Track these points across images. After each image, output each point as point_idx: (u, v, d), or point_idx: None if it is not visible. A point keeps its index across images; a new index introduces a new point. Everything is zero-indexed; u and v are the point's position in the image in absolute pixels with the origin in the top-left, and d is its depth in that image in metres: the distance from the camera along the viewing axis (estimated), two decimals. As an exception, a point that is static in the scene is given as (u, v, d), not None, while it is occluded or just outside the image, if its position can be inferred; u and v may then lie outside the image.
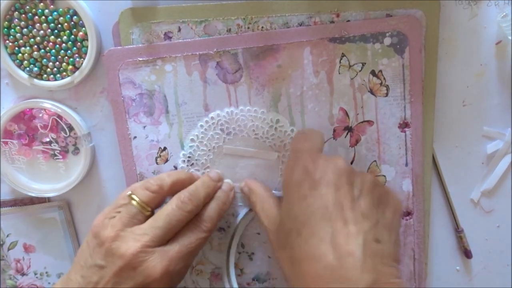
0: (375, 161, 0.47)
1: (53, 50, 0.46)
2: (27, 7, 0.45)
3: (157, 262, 0.38)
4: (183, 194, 0.42)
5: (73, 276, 0.39)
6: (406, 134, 0.46)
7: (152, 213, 0.41)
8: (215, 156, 0.47)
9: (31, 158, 0.49)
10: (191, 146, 0.47)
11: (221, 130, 0.46)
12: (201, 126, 0.46)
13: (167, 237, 0.40)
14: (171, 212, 0.40)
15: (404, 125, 0.46)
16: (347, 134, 0.46)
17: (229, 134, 0.46)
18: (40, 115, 0.48)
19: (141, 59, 0.45)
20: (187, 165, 0.47)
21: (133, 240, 0.38)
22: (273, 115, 0.46)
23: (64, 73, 0.46)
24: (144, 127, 0.47)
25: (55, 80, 0.47)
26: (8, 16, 0.45)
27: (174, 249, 0.40)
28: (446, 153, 0.49)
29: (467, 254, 0.50)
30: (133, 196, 0.41)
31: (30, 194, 0.49)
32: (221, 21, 0.45)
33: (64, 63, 0.46)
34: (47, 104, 0.47)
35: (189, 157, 0.47)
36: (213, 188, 0.44)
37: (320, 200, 0.35)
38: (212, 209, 0.43)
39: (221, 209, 0.44)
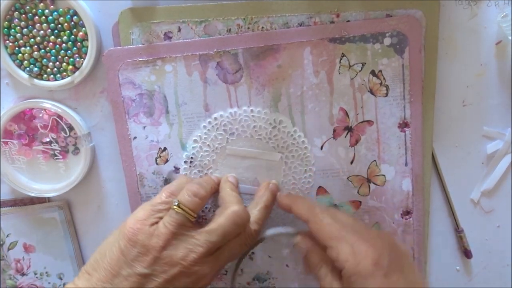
0: (375, 160, 0.47)
1: (53, 50, 0.46)
2: (27, 7, 0.45)
3: (209, 270, 0.39)
4: (237, 208, 0.41)
5: (100, 285, 0.38)
6: (406, 134, 0.46)
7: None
8: (218, 157, 0.47)
9: (31, 158, 0.49)
10: (194, 147, 0.47)
11: (224, 131, 0.46)
12: (204, 127, 0.46)
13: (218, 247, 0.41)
14: (227, 229, 0.40)
15: (403, 125, 0.46)
16: (347, 134, 0.46)
17: (232, 135, 0.46)
18: (40, 115, 0.48)
19: (141, 59, 0.45)
20: (190, 166, 0.47)
21: (187, 250, 0.38)
22: (275, 115, 0.46)
23: (64, 73, 0.46)
24: (144, 127, 0.47)
25: (55, 80, 0.47)
26: (8, 16, 0.45)
27: (224, 258, 0.41)
28: (446, 153, 0.49)
29: (467, 254, 0.50)
30: (181, 206, 0.39)
31: (30, 194, 0.49)
32: (221, 21, 0.45)
33: (64, 63, 0.46)
34: (47, 104, 0.47)
35: (191, 158, 0.47)
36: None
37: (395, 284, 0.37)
38: (259, 222, 0.43)
39: (267, 217, 0.45)
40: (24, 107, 0.47)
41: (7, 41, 0.46)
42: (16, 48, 0.46)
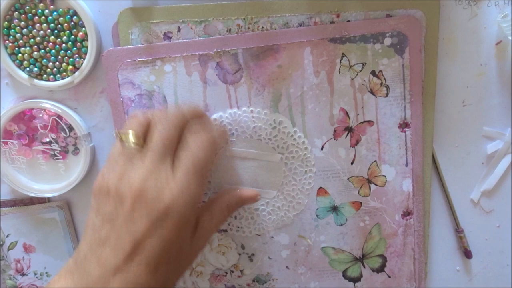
0: (375, 161, 0.47)
1: (53, 50, 0.46)
2: (27, 7, 0.45)
3: (164, 186, 0.36)
4: (161, 116, 0.39)
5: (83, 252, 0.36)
6: (406, 134, 0.46)
7: None
8: (217, 159, 0.47)
9: (31, 158, 0.49)
10: None
11: None
12: None
13: (169, 155, 0.38)
14: (162, 133, 0.38)
15: (404, 125, 0.46)
16: (347, 134, 0.46)
17: (231, 136, 0.46)
18: (40, 115, 0.48)
19: (140, 59, 0.45)
20: None
21: (136, 173, 0.37)
22: (275, 116, 0.46)
23: (64, 73, 0.46)
24: (144, 127, 0.46)
25: (55, 80, 0.47)
26: (8, 16, 0.45)
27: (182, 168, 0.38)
28: (446, 153, 0.49)
29: (467, 254, 0.50)
30: (121, 132, 0.38)
31: (30, 194, 0.49)
32: (221, 21, 0.45)
33: (64, 63, 0.46)
34: (47, 104, 0.47)
35: None
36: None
37: None
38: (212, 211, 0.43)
39: (223, 215, 0.44)
40: (24, 107, 0.47)
41: (7, 41, 0.46)
42: (16, 48, 0.46)
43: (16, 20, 0.45)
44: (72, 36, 0.46)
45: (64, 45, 0.46)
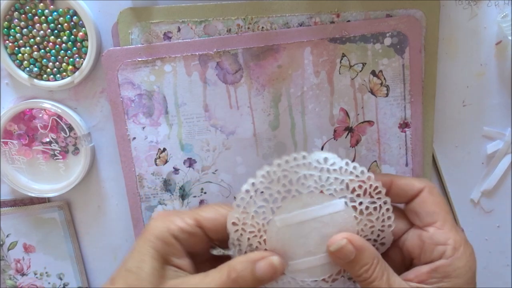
0: (375, 161, 0.47)
1: (53, 50, 0.46)
2: (27, 7, 0.45)
3: None
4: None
5: None
6: (406, 134, 0.46)
7: None
8: (268, 235, 0.35)
9: (31, 158, 0.49)
10: (236, 231, 0.35)
11: (265, 200, 0.34)
12: (238, 205, 0.34)
13: None
14: None
15: (404, 125, 0.46)
16: (347, 134, 0.46)
17: (275, 202, 0.34)
18: (40, 115, 0.48)
19: (140, 59, 0.45)
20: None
21: None
22: (317, 155, 0.34)
23: (64, 73, 0.46)
24: (143, 128, 0.46)
25: (55, 80, 0.47)
26: (8, 16, 0.45)
27: None
28: (446, 153, 0.49)
29: (467, 254, 0.50)
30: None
31: (30, 194, 0.49)
32: (221, 21, 0.45)
33: (64, 63, 0.46)
34: (47, 104, 0.47)
35: (238, 244, 0.35)
36: None
37: None
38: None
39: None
40: (24, 107, 0.47)
41: (7, 41, 0.46)
42: (16, 48, 0.46)
43: (16, 20, 0.45)
44: (72, 36, 0.46)
45: (64, 45, 0.46)
